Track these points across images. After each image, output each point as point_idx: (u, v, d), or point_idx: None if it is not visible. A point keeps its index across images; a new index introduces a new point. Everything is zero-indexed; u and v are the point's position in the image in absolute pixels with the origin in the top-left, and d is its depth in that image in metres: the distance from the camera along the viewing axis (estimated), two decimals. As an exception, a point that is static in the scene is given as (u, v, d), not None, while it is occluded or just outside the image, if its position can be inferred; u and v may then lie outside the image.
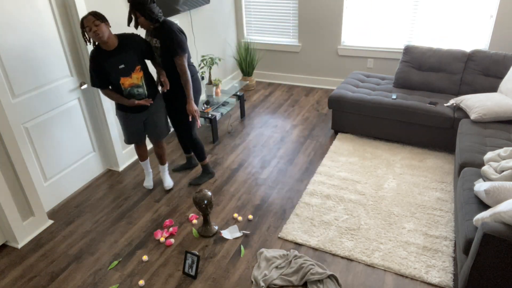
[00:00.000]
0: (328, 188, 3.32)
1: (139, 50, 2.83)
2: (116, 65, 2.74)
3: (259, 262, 2.60)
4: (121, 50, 2.75)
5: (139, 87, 2.87)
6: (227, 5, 5.26)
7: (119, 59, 2.74)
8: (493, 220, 2.04)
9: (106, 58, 2.72)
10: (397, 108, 3.72)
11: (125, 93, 2.85)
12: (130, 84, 2.83)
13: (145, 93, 2.92)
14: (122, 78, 2.79)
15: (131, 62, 2.79)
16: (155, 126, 3.12)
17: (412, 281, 2.46)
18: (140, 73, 2.85)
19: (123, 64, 2.76)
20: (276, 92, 5.41)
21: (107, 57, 2.72)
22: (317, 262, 2.56)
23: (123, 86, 2.82)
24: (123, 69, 2.77)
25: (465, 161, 2.87)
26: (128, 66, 2.78)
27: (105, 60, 2.72)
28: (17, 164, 2.76)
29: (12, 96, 2.81)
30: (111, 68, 2.74)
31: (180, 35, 2.87)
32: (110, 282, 2.56)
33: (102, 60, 2.72)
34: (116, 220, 3.11)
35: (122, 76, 2.78)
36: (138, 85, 2.87)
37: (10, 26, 2.71)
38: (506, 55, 3.72)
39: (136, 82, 2.85)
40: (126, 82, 2.81)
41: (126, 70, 2.78)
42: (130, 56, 2.78)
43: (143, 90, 2.91)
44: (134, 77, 2.83)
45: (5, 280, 2.61)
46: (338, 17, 4.96)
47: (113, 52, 2.73)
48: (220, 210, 3.18)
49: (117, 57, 2.73)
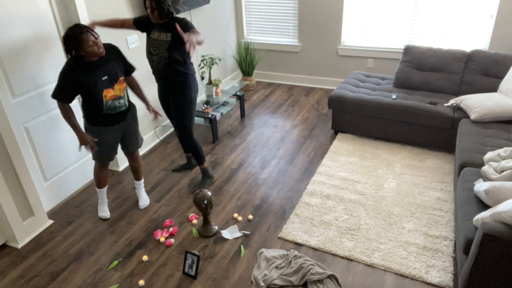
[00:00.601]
0: (328, 188, 3.32)
1: (120, 61, 2.74)
2: (99, 77, 2.60)
3: (259, 262, 2.60)
4: (104, 61, 2.63)
5: (121, 99, 2.74)
6: (227, 5, 5.26)
7: (103, 70, 2.61)
8: (493, 220, 2.04)
9: (86, 71, 2.55)
10: (397, 108, 3.72)
11: (106, 106, 2.68)
12: (112, 96, 2.69)
13: (126, 104, 2.80)
14: (105, 90, 2.64)
15: (114, 74, 2.67)
16: (133, 135, 2.99)
17: (412, 281, 2.46)
18: (123, 84, 2.73)
19: (106, 76, 2.63)
20: (276, 92, 5.41)
21: (89, 70, 2.55)
22: (317, 262, 2.56)
23: (105, 98, 2.65)
24: (106, 80, 2.63)
25: (465, 161, 2.87)
26: (111, 77, 2.65)
27: (85, 73, 2.54)
28: (17, 164, 2.76)
29: (12, 96, 2.81)
30: (92, 81, 2.56)
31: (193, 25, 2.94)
32: (110, 282, 2.56)
33: (81, 73, 2.53)
34: (116, 220, 3.11)
35: (105, 88, 2.63)
36: (120, 97, 2.74)
37: (10, 26, 2.71)
38: (506, 55, 3.72)
39: (118, 94, 2.72)
40: (109, 94, 2.66)
41: (109, 82, 2.64)
42: (113, 67, 2.66)
43: (124, 101, 2.78)
44: (116, 88, 2.69)
45: (5, 280, 2.61)
46: (338, 17, 4.96)
47: (95, 63, 2.58)
48: (220, 210, 3.18)
49: (100, 68, 2.59)
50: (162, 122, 4.34)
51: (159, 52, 2.98)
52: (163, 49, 2.95)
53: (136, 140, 3.04)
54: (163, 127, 4.35)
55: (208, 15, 4.85)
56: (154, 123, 4.17)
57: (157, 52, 2.99)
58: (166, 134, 4.40)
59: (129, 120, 2.92)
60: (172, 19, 2.92)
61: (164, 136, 4.36)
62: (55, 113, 3.15)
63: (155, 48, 2.99)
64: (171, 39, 2.91)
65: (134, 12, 3.66)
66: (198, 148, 3.34)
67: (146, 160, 3.92)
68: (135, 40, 3.71)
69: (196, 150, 3.33)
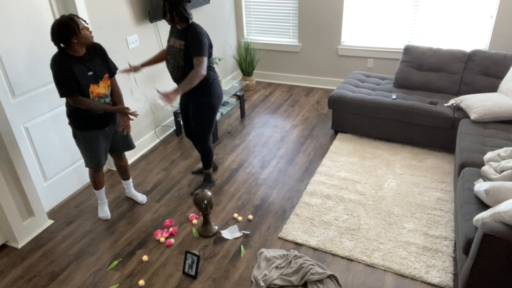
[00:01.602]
0: (328, 188, 3.32)
1: (104, 59, 2.69)
2: (85, 72, 2.54)
3: (259, 262, 2.60)
4: (89, 57, 2.59)
5: (106, 97, 2.70)
6: (227, 5, 5.26)
7: (88, 66, 2.57)
8: (493, 220, 2.04)
9: (74, 64, 2.50)
10: (397, 108, 3.72)
11: None
12: (98, 94, 2.63)
13: (111, 103, 2.76)
14: (92, 86, 2.58)
15: (99, 70, 2.63)
16: (126, 135, 2.95)
17: (412, 281, 2.46)
18: (107, 81, 2.69)
19: (91, 71, 2.57)
20: (276, 92, 5.41)
21: (76, 63, 2.51)
22: (317, 262, 2.56)
23: (92, 94, 2.59)
24: (92, 76, 2.59)
25: (465, 161, 2.87)
26: (96, 73, 2.60)
27: (73, 65, 2.49)
28: (17, 164, 2.76)
29: (12, 96, 2.81)
30: (80, 75, 2.52)
31: (204, 39, 2.77)
32: (110, 282, 2.56)
33: (71, 65, 2.49)
34: (116, 220, 3.11)
35: (91, 83, 2.57)
36: (106, 95, 2.69)
37: (10, 26, 2.71)
38: (506, 55, 3.72)
39: (104, 92, 2.67)
40: (95, 90, 2.61)
41: (94, 78, 2.59)
42: (97, 64, 2.62)
43: (109, 100, 2.74)
44: (101, 85, 2.64)
45: (5, 280, 2.61)
46: (338, 17, 4.96)
47: (81, 58, 2.53)
48: (220, 210, 3.18)
49: (86, 64, 2.55)
50: (163, 122, 4.34)
51: (175, 61, 2.87)
52: (178, 58, 2.84)
53: (127, 141, 3.00)
54: (163, 127, 4.35)
55: (208, 15, 4.85)
56: (159, 118, 4.17)
57: (173, 61, 2.88)
58: (166, 134, 4.40)
59: (119, 121, 2.87)
60: (189, 26, 2.77)
61: (164, 136, 4.36)
62: (55, 113, 3.15)
63: (171, 56, 2.88)
64: (184, 48, 2.79)
65: (135, 12, 3.66)
66: (210, 154, 3.29)
67: (146, 160, 3.93)
68: (135, 40, 3.71)
69: (207, 155, 3.28)
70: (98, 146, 2.77)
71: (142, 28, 3.78)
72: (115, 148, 2.98)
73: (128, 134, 2.93)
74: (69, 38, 2.42)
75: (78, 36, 2.43)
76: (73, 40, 2.43)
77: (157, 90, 2.78)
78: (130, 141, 3.03)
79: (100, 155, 2.82)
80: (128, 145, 3.02)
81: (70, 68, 2.48)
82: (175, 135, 4.38)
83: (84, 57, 2.55)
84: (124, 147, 3.01)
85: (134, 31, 3.69)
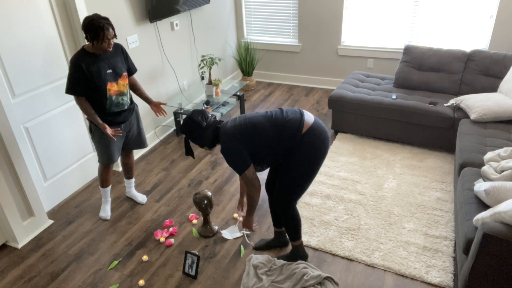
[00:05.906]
0: (328, 188, 3.32)
1: (124, 58, 2.76)
2: (104, 69, 2.62)
3: (248, 269, 2.57)
4: (108, 56, 2.66)
5: (124, 95, 2.76)
6: (227, 5, 5.26)
7: (107, 63, 2.64)
8: (493, 220, 2.04)
9: (93, 62, 2.57)
10: (397, 108, 3.72)
11: (110, 101, 2.69)
12: (116, 91, 2.70)
13: (128, 102, 2.82)
14: (109, 83, 2.65)
15: (118, 68, 2.69)
16: (139, 133, 3.03)
17: (412, 281, 2.46)
18: (126, 80, 2.76)
19: (110, 69, 2.66)
20: (276, 92, 5.41)
21: (95, 61, 2.58)
22: (308, 263, 2.54)
23: (109, 92, 2.66)
24: (111, 74, 2.66)
25: (465, 161, 2.87)
26: (115, 71, 2.67)
27: (91, 63, 2.57)
28: (17, 164, 2.76)
29: (12, 96, 2.81)
30: (98, 72, 2.59)
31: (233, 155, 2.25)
32: (110, 282, 2.56)
33: (88, 64, 2.56)
34: (116, 220, 3.11)
35: (109, 81, 2.65)
36: (124, 93, 2.76)
37: (10, 26, 2.71)
38: (506, 55, 3.72)
39: (122, 90, 2.74)
40: (113, 88, 2.68)
41: (113, 76, 2.67)
42: (117, 62, 2.69)
43: (127, 99, 2.80)
44: (120, 83, 2.71)
45: (5, 280, 2.61)
46: (338, 17, 4.96)
47: (101, 56, 2.61)
48: (220, 210, 3.18)
49: (105, 61, 2.62)
50: (162, 122, 4.34)
51: None
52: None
53: (140, 139, 3.06)
54: (163, 127, 4.35)
55: (208, 15, 4.85)
56: (159, 118, 4.17)
57: None
58: (166, 134, 4.40)
59: (133, 120, 2.95)
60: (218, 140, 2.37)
61: (164, 136, 4.36)
62: (55, 113, 3.15)
63: None
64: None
65: (135, 12, 3.66)
66: (297, 222, 2.47)
67: (146, 160, 3.93)
68: (135, 40, 3.71)
69: (292, 224, 2.47)
70: (112, 142, 2.84)
71: (142, 28, 3.78)
72: (127, 145, 3.03)
73: (142, 133, 3.05)
74: (89, 38, 2.52)
75: (97, 43, 2.52)
76: (92, 41, 2.52)
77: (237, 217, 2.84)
78: (143, 139, 3.08)
79: (113, 151, 2.88)
80: (140, 142, 3.08)
81: (80, 68, 2.55)
82: (175, 135, 4.38)
83: (103, 54, 2.64)
84: (136, 145, 3.07)
85: (134, 31, 3.69)
